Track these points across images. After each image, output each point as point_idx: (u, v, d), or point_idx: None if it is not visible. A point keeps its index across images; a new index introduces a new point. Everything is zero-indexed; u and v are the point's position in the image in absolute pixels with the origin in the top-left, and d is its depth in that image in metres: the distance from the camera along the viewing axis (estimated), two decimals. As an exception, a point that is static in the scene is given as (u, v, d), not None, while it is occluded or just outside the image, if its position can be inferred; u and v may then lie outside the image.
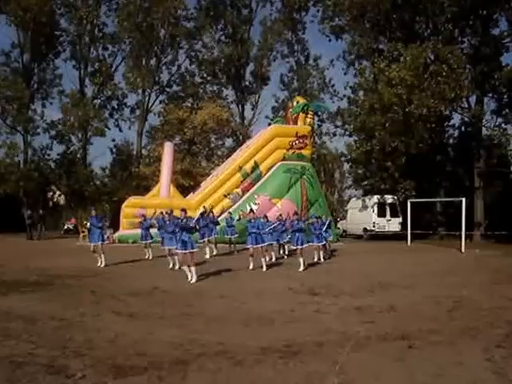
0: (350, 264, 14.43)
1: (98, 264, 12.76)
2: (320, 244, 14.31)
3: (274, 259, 14.41)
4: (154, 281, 10.07)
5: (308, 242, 13.21)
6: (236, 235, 16.79)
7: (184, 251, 10.14)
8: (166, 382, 4.21)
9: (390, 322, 6.48)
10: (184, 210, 10.57)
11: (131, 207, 21.35)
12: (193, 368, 4.55)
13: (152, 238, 15.07)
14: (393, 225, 26.00)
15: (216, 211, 19.84)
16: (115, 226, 23.16)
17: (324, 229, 14.94)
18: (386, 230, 25.97)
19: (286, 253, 15.87)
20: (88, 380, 4.19)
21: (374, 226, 26.02)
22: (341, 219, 30.41)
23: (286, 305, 7.65)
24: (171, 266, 12.54)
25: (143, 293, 8.81)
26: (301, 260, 12.30)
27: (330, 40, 31.43)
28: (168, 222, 12.60)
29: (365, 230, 26.54)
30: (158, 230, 13.96)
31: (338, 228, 27.97)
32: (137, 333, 5.81)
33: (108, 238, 21.79)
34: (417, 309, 7.45)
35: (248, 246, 12.56)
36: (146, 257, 14.79)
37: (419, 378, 4.28)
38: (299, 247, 12.38)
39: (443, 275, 11.51)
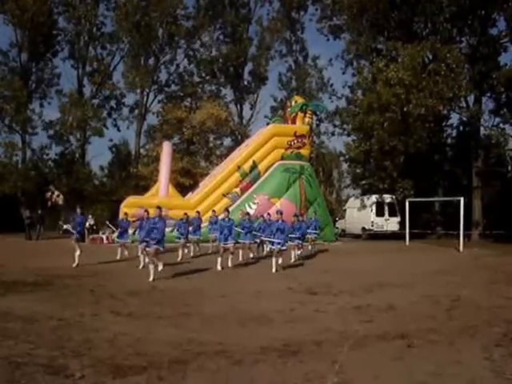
0: (349, 263, 14.44)
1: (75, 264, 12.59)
2: (295, 243, 13.97)
3: (240, 259, 14.12)
4: (154, 280, 10.07)
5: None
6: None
7: (153, 246, 10.34)
8: (166, 381, 4.21)
9: (389, 321, 6.50)
10: (159, 208, 10.67)
11: (130, 207, 21.30)
12: (192, 367, 4.55)
13: (129, 238, 14.89)
14: (391, 224, 26.02)
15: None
16: (114, 225, 23.14)
17: (310, 228, 15.00)
18: (385, 229, 25.99)
19: (265, 253, 15.57)
20: (87, 380, 4.19)
21: (372, 226, 26.03)
22: (339, 219, 30.41)
23: (285, 304, 7.65)
24: (141, 265, 12.38)
25: (142, 292, 8.81)
26: (276, 260, 12.06)
27: (328, 39, 31.49)
28: (145, 223, 12.33)
29: (363, 229, 26.55)
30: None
31: (337, 227, 27.97)
32: (136, 332, 5.81)
33: (107, 238, 21.88)
34: (415, 308, 7.47)
35: (219, 244, 12.52)
36: (118, 257, 14.55)
37: (418, 377, 4.29)
38: (277, 248, 12.10)
39: (442, 274, 11.52)
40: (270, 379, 4.28)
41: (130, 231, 15.02)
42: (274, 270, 11.83)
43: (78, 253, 12.73)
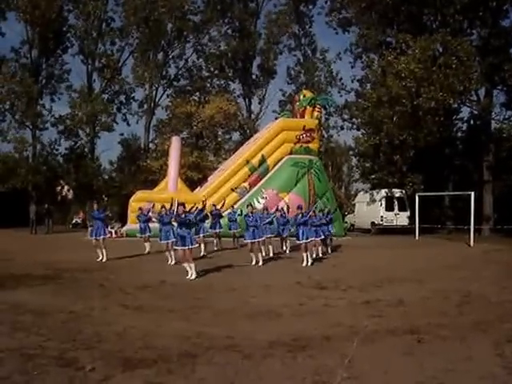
0: (358, 258, 14.39)
1: (99, 259, 12.68)
2: (318, 239, 13.49)
3: (271, 254, 14.05)
4: (162, 274, 10.12)
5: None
6: (238, 229, 16.48)
7: (183, 247, 9.93)
8: (175, 374, 4.22)
9: (399, 317, 6.46)
10: (183, 205, 10.19)
11: (139, 201, 21.39)
12: (201, 361, 4.57)
13: (151, 231, 14.97)
14: (401, 219, 25.86)
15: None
16: (123, 220, 23.29)
17: (325, 222, 14.91)
18: (394, 224, 25.83)
19: (288, 247, 15.34)
20: (97, 372, 4.22)
21: (381, 220, 25.89)
22: (348, 213, 30.30)
23: (294, 299, 7.64)
24: (170, 261, 12.25)
25: (151, 286, 8.85)
26: (304, 255, 12.03)
27: (337, 33, 31.32)
28: (165, 214, 12.38)
29: (373, 224, 26.42)
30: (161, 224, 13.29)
31: (346, 222, 27.87)
32: (145, 326, 5.84)
33: (116, 232, 21.99)
34: (425, 303, 7.42)
35: (246, 241, 12.42)
36: (146, 251, 14.64)
37: (428, 373, 4.25)
38: (303, 242, 12.04)
39: (452, 269, 11.45)
40: (280, 374, 4.28)
41: (153, 225, 15.07)
42: (304, 264, 11.83)
43: (104, 250, 12.77)
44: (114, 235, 21.89)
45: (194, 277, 9.78)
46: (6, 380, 4.02)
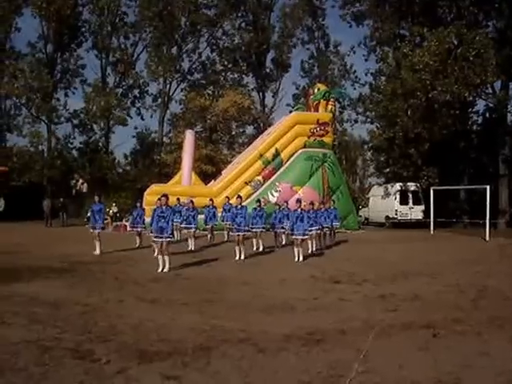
0: (372, 252, 14.29)
1: (97, 252, 12.61)
2: (313, 232, 13.17)
3: (261, 248, 13.72)
4: (177, 267, 10.15)
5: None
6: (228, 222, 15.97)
7: (160, 239, 10.02)
8: (190, 367, 4.24)
9: (414, 311, 6.41)
10: (166, 196, 10.34)
11: (153, 195, 21.46)
12: (216, 354, 4.58)
13: (144, 225, 14.80)
14: (415, 213, 25.63)
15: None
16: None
17: (331, 217, 14.90)
18: (409, 217, 25.61)
19: (283, 243, 15.07)
20: (113, 365, 4.25)
21: (396, 214, 25.70)
22: (363, 207, 30.13)
23: (308, 293, 7.63)
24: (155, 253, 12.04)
25: (166, 279, 8.90)
26: (296, 250, 11.80)
27: (350, 26, 31.09)
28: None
29: (387, 217, 26.25)
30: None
31: (360, 216, 27.71)
32: (160, 319, 5.87)
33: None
34: (441, 297, 7.35)
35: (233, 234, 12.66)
36: (137, 245, 14.45)
37: (445, 368, 4.21)
38: (299, 237, 11.82)
39: (467, 264, 11.32)
40: (294, 367, 4.27)
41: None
42: (296, 260, 11.76)
43: (98, 243, 12.76)
44: (128, 228, 22.04)
45: (166, 269, 9.81)
46: (23, 371, 4.08)
